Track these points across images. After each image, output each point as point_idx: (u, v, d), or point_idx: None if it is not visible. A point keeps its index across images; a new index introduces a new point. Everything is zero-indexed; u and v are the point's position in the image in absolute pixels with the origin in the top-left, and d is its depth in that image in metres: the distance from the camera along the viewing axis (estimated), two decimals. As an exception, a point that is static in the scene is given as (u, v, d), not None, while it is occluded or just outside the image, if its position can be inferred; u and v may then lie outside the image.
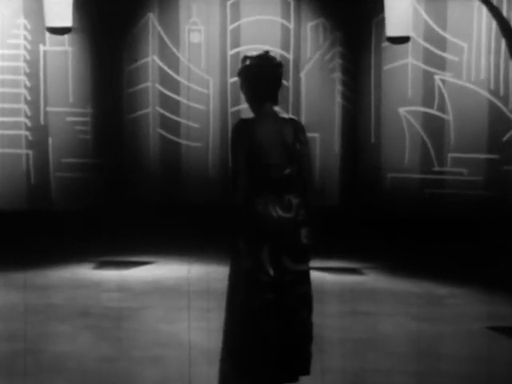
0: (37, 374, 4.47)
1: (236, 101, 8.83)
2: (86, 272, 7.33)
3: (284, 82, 8.92)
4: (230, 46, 8.89)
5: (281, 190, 3.70)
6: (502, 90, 8.51)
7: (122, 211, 8.62)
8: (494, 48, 8.49)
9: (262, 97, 3.76)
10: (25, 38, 8.68)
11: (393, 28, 8.04)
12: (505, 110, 8.50)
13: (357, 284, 7.03)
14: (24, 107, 8.72)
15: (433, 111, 8.65)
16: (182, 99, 8.91)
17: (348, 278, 7.31)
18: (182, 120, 8.93)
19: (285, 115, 3.79)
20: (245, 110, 8.33)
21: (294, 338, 3.76)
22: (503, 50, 8.47)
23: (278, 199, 3.69)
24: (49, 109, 8.77)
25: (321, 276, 7.19)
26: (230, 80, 8.87)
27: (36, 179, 8.74)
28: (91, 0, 8.69)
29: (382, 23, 8.53)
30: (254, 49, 8.41)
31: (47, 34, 8.53)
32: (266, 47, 8.44)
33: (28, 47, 8.70)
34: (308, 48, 8.93)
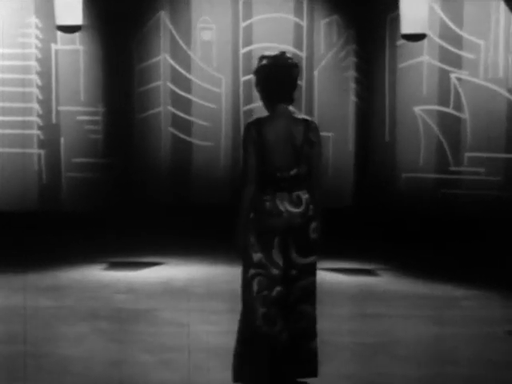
0: (40, 378, 4.40)
1: (248, 99, 8.75)
2: (96, 273, 7.27)
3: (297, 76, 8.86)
4: (242, 44, 8.81)
5: (288, 188, 3.83)
6: (520, 88, 8.38)
7: (131, 211, 8.57)
8: (513, 45, 8.37)
9: (276, 96, 3.84)
10: (36, 37, 8.66)
11: (408, 25, 7.91)
12: (523, 108, 8.37)
13: (370, 285, 6.91)
14: (36, 106, 8.69)
15: (449, 110, 8.53)
16: (193, 98, 8.85)
17: (361, 279, 7.19)
18: (193, 119, 8.87)
19: (299, 115, 3.86)
20: (257, 108, 8.24)
21: (297, 331, 3.86)
22: (521, 47, 8.34)
23: (287, 196, 3.82)
24: (60, 108, 8.74)
25: (333, 277, 7.12)
26: (242, 78, 8.79)
27: (47, 179, 8.71)
28: (102, -2, 8.68)
29: (396, 20, 8.42)
30: (266, 47, 8.61)
31: (58, 33, 8.51)
32: (279, 45, 8.66)
33: (39, 46, 8.68)
34: (321, 46, 8.84)
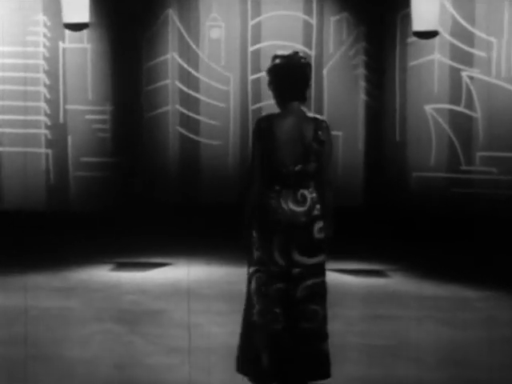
0: (45, 381, 4.35)
1: (257, 98, 8.69)
2: (104, 274, 7.21)
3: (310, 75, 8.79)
4: (250, 42, 8.74)
5: (293, 185, 3.83)
6: (534, 86, 8.28)
7: (139, 211, 8.51)
8: (526, 43, 8.26)
9: (289, 95, 3.89)
10: (44, 35, 8.63)
11: (420, 22, 7.82)
12: (536, 107, 8.27)
13: (380, 286, 6.81)
14: (43, 105, 8.66)
15: (460, 109, 8.43)
16: (201, 96, 8.79)
17: (371, 280, 7.09)
18: (201, 118, 8.81)
19: (310, 114, 3.92)
20: (266, 107, 8.18)
21: (306, 331, 3.83)
22: (535, 45, 8.24)
23: (291, 194, 3.82)
24: (68, 107, 8.71)
25: (343, 278, 7.05)
26: (251, 77, 8.72)
27: (55, 179, 8.68)
28: (110, -4, 8.64)
29: (407, 18, 8.33)
30: (275, 45, 8.55)
31: (66, 31, 8.46)
32: (288, 43, 8.60)
33: (47, 44, 8.64)
34: (331, 44, 8.76)
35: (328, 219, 3.90)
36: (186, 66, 8.79)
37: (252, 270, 3.86)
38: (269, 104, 4.26)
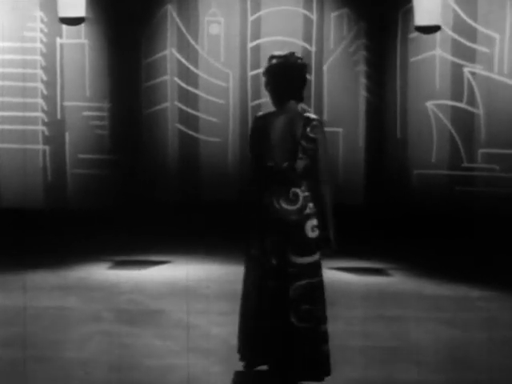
0: (42, 382, 4.27)
1: (256, 94, 8.61)
2: (102, 272, 7.13)
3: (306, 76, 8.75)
4: (250, 38, 8.66)
5: (285, 183, 3.88)
6: (537, 83, 8.21)
7: (138, 209, 8.45)
8: (529, 39, 8.19)
9: (287, 95, 3.93)
10: (41, 31, 8.56)
11: (422, 17, 7.73)
12: (539, 103, 8.20)
13: (382, 286, 6.73)
14: (40, 102, 8.59)
15: (462, 105, 8.36)
16: (200, 93, 8.73)
17: (373, 279, 7.02)
18: (200, 115, 8.75)
19: (303, 112, 3.96)
20: (265, 103, 8.08)
21: (302, 331, 3.85)
22: (538, 41, 8.17)
23: (284, 192, 3.87)
24: (65, 103, 8.64)
25: (344, 277, 6.98)
26: (251, 73, 8.65)
27: (52, 176, 8.62)
28: (108, -9, 8.57)
29: (408, 13, 8.27)
30: (274, 41, 8.50)
31: (64, 27, 8.38)
32: (288, 39, 8.54)
33: (44, 40, 8.57)
34: (331, 40, 8.68)
35: (326, 218, 3.91)
36: (184, 62, 8.73)
37: (249, 265, 3.97)
38: (268, 101, 4.22)
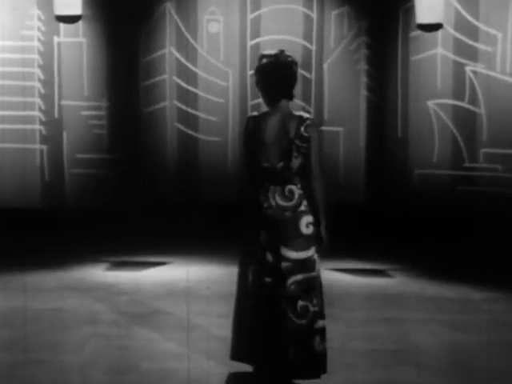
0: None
1: (256, 93, 8.40)
2: (99, 273, 7.06)
3: (306, 73, 8.71)
4: (250, 37, 8.61)
5: (280, 182, 3.97)
6: (539, 82, 8.15)
7: (137, 209, 8.39)
8: (531, 38, 8.13)
9: (278, 94, 3.99)
10: (38, 29, 8.50)
11: (424, 15, 7.70)
12: (542, 103, 8.13)
13: (384, 287, 6.65)
14: (38, 101, 8.54)
15: (464, 104, 8.30)
16: (200, 92, 8.66)
17: (374, 280, 6.94)
18: (200, 114, 8.69)
19: (296, 112, 4.01)
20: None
21: (299, 328, 3.90)
22: (540, 39, 8.10)
23: (279, 189, 3.96)
24: (63, 102, 8.59)
25: (344, 278, 6.92)
26: (250, 72, 8.57)
27: (50, 175, 8.57)
28: (106, -11, 8.52)
29: (409, 12, 8.22)
30: (274, 39, 8.44)
31: (61, 25, 8.35)
32: (288, 37, 8.48)
33: (42, 39, 8.52)
34: (331, 38, 8.62)
35: (319, 216, 3.99)
36: (183, 60, 8.68)
37: (248, 262, 4.01)
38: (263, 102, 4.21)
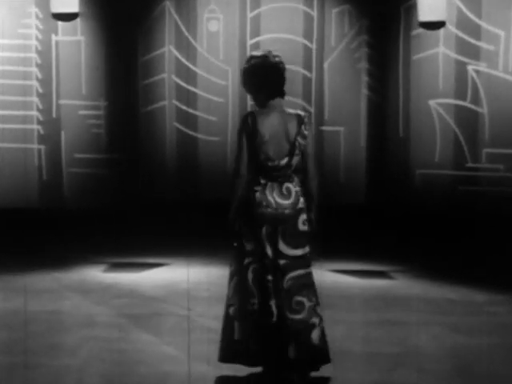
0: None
1: (256, 93, 8.48)
2: (98, 274, 7.00)
3: (307, 72, 8.64)
4: (249, 35, 8.56)
5: (279, 179, 4.03)
6: (542, 81, 8.08)
7: (136, 209, 8.34)
8: (534, 37, 8.06)
9: (271, 93, 4.07)
10: (36, 28, 8.45)
11: (426, 12, 7.63)
12: (545, 102, 8.06)
13: (385, 289, 6.57)
14: (36, 100, 8.47)
15: (466, 104, 8.24)
16: (199, 91, 8.60)
17: (375, 282, 6.86)
18: (199, 113, 8.64)
19: (291, 110, 4.10)
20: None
21: (297, 324, 3.98)
22: (544, 38, 8.03)
23: (277, 187, 4.03)
24: (61, 101, 8.55)
25: (345, 280, 6.84)
26: (250, 71, 8.51)
27: (48, 175, 8.52)
28: (105, -13, 8.46)
29: (411, 10, 8.17)
30: (274, 38, 8.38)
31: (59, 23, 8.29)
32: (288, 36, 8.43)
33: (39, 37, 8.46)
34: (332, 37, 8.56)
35: (311, 204, 4.08)
36: (183, 59, 8.62)
37: (247, 261, 4.02)
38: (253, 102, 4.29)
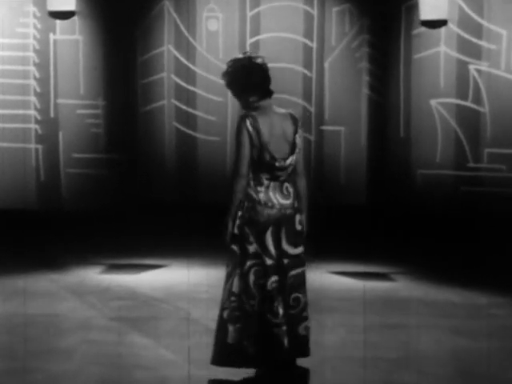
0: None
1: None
2: (96, 276, 6.93)
3: (307, 72, 8.59)
4: (249, 34, 8.52)
5: (281, 179, 4.08)
6: (545, 80, 8.04)
7: (134, 210, 8.31)
8: (536, 35, 8.02)
9: (261, 94, 4.07)
10: (34, 27, 8.41)
11: (428, 11, 7.60)
12: (547, 102, 8.02)
13: (386, 292, 6.50)
14: (33, 99, 8.43)
15: (467, 103, 8.20)
16: (198, 91, 8.55)
17: (376, 284, 6.79)
18: (198, 113, 8.59)
19: (282, 109, 4.15)
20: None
21: (292, 317, 4.07)
22: (546, 37, 7.99)
23: (278, 187, 4.08)
24: (59, 101, 8.51)
25: (346, 282, 6.78)
26: (250, 70, 8.47)
27: (46, 175, 8.48)
28: (103, -15, 8.42)
29: (412, 9, 8.14)
30: (274, 37, 8.37)
31: (57, 22, 8.26)
32: (288, 35, 8.39)
33: (37, 36, 8.43)
34: (333, 36, 8.53)
35: (302, 205, 4.15)
36: (182, 58, 8.59)
37: (248, 264, 4.03)
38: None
